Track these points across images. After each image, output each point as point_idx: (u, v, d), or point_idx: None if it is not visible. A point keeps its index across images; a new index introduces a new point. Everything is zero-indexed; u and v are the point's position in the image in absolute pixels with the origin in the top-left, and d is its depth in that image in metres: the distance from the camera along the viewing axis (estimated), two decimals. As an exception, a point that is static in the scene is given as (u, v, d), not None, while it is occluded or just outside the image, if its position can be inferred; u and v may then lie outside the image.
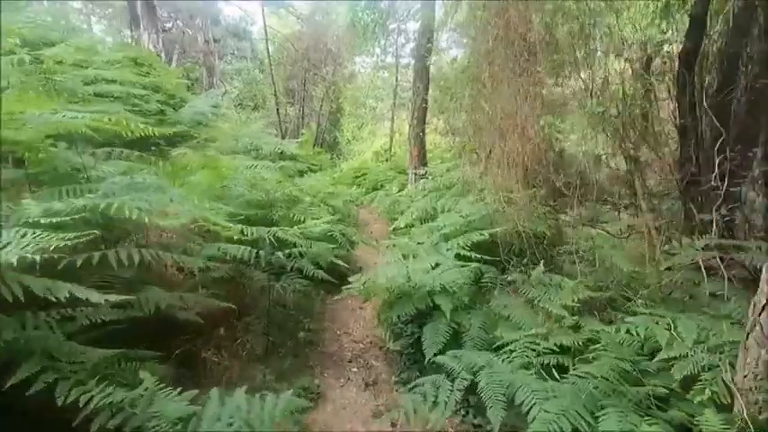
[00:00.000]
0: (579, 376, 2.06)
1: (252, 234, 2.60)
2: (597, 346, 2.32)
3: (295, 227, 2.92)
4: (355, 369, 3.20)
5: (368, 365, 3.25)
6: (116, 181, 2.48)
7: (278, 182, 4.45)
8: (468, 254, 3.10)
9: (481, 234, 3.29)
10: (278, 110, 11.74)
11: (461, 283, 2.73)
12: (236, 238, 2.56)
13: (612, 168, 4.81)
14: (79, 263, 1.68)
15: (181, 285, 3.26)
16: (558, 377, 2.16)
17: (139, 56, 7.96)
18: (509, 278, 3.17)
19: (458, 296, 2.73)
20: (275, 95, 11.99)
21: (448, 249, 3.26)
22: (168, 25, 18.14)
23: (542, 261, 3.28)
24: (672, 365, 2.06)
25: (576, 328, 2.60)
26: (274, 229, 2.79)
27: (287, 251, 3.01)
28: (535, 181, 3.98)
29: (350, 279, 3.48)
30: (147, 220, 1.71)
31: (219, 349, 2.98)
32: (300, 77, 14.97)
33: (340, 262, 3.33)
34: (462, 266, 2.88)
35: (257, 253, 2.77)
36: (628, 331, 2.35)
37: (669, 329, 2.25)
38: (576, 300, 2.83)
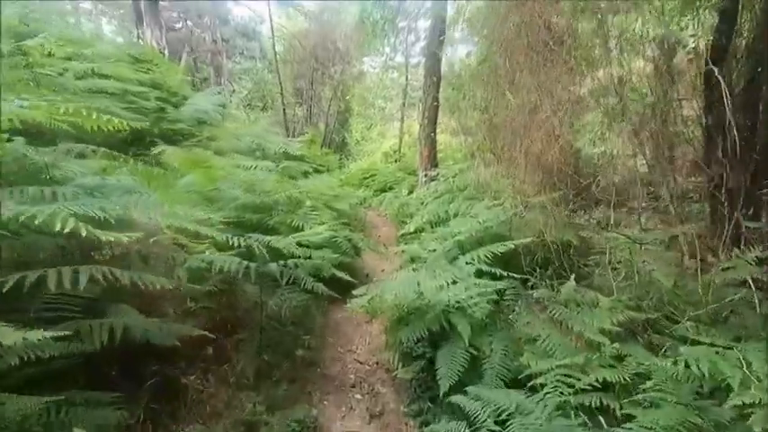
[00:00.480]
0: (632, 429, 1.66)
1: (238, 244, 2.25)
2: (649, 384, 1.92)
3: (290, 236, 2.58)
4: (359, 396, 2.83)
5: (373, 392, 2.87)
6: (85, 183, 2.15)
7: (278, 183, 4.11)
8: (491, 270, 2.68)
9: (503, 245, 2.87)
10: (284, 108, 11.45)
11: (482, 303, 2.33)
12: (206, 252, 2.20)
13: (633, 169, 4.42)
14: (8, 286, 1.35)
15: (167, 298, 2.94)
16: (605, 425, 1.77)
17: (141, 52, 7.73)
18: (535, 294, 2.77)
19: (477, 317, 2.34)
20: (281, 94, 11.69)
21: (468, 263, 2.85)
22: (178, 25, 18.07)
23: (573, 275, 2.88)
24: (749, 414, 1.65)
25: (619, 358, 2.20)
26: (268, 238, 2.44)
27: (282, 262, 2.65)
28: (561, 184, 3.57)
29: (354, 292, 3.13)
30: (83, 233, 1.37)
31: (205, 374, 2.63)
32: (308, 76, 14.68)
33: (342, 274, 2.96)
34: (481, 282, 2.48)
35: (247, 265, 2.42)
36: (686, 365, 1.95)
37: (740, 366, 1.85)
38: (614, 322, 2.44)
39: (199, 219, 2.12)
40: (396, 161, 13.30)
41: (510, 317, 2.75)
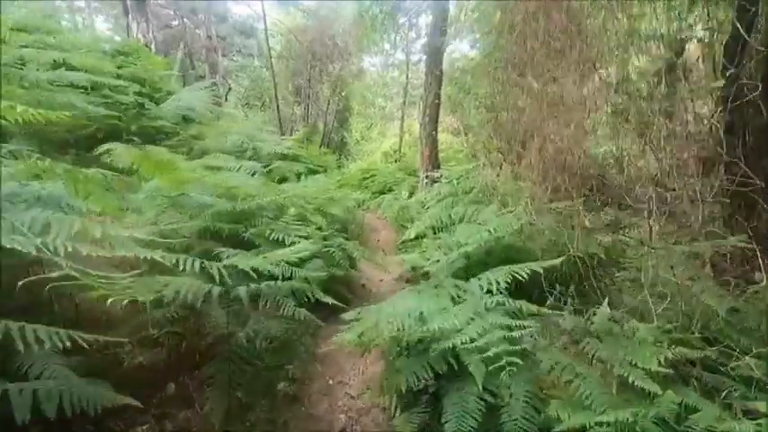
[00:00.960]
0: None
1: (191, 267, 1.80)
2: (726, 457, 1.46)
3: (262, 255, 2.12)
4: (349, 444, 2.36)
5: (367, 438, 2.41)
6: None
7: (263, 187, 3.66)
8: (516, 305, 2.14)
9: (528, 266, 2.33)
10: (278, 105, 10.97)
11: (511, 358, 1.82)
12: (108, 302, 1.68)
13: (644, 169, 3.99)
14: None
15: (123, 324, 2.49)
16: None
17: (125, 45, 7.29)
18: (562, 323, 2.30)
19: (496, 355, 1.87)
20: (274, 90, 11.22)
21: (485, 290, 2.33)
22: (175, 23, 17.61)
23: (606, 298, 2.41)
24: None
25: (678, 413, 1.73)
26: (234, 258, 1.98)
27: (254, 285, 2.19)
28: (584, 188, 3.10)
29: (344, 315, 2.67)
30: None
31: (161, 421, 2.17)
32: (306, 74, 14.21)
33: (329, 299, 2.50)
34: (504, 321, 1.97)
35: (209, 290, 1.96)
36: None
37: None
38: (663, 362, 1.97)
39: (137, 238, 1.65)
40: (396, 161, 12.89)
41: (531, 350, 2.28)
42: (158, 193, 2.93)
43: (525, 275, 2.22)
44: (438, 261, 3.68)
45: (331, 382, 2.93)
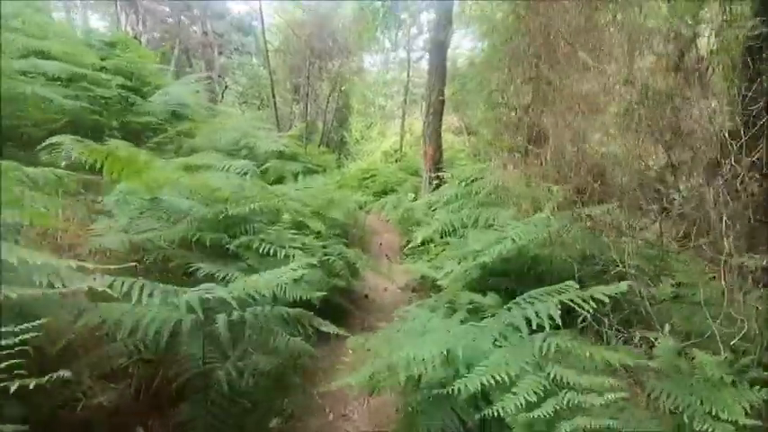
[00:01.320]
0: None
1: (146, 297, 1.39)
2: None
3: (242, 280, 1.72)
4: (354, 502, 1.95)
5: (375, 493, 2.00)
6: None
7: (254, 188, 3.24)
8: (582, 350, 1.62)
9: (584, 294, 1.81)
10: (275, 102, 10.54)
11: (578, 416, 1.36)
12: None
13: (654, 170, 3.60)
14: None
15: (84, 353, 2.08)
16: None
17: (113, 37, 6.87)
18: (615, 358, 1.86)
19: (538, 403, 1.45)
20: (271, 86, 10.79)
21: (535, 327, 1.78)
22: (171, 20, 17.21)
23: (666, 326, 1.98)
24: None
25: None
26: (218, 287, 1.57)
27: (237, 313, 1.78)
28: (635, 189, 2.67)
29: (348, 342, 2.26)
30: None
31: (120, 481, 1.76)
32: (305, 71, 13.80)
33: (331, 327, 2.08)
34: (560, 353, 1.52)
35: (178, 321, 1.55)
36: None
37: None
38: (747, 409, 1.57)
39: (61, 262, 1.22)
40: (396, 161, 12.51)
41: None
42: (131, 196, 2.52)
43: (589, 308, 1.75)
44: (451, 271, 3.30)
45: (332, 416, 2.52)
